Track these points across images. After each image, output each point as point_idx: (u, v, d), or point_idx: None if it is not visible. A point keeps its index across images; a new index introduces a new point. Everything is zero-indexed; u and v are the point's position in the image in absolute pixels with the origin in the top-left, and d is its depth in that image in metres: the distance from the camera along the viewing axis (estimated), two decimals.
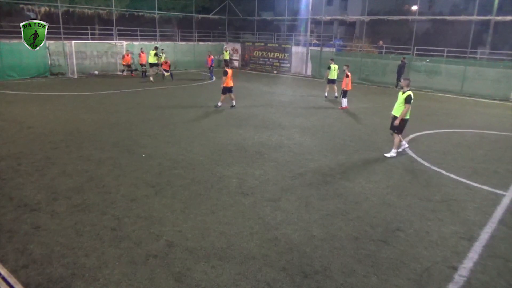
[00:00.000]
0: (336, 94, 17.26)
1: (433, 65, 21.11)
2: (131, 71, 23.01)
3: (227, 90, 13.92)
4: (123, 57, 22.71)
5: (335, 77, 17.02)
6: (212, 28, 32.20)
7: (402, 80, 8.99)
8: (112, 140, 9.57)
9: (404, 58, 21.09)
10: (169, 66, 21.68)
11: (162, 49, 23.20)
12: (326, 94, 17.58)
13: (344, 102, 14.80)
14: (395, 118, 8.82)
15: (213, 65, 22.67)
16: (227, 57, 27.92)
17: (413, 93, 8.64)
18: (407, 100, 8.54)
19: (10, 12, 25.75)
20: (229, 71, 13.76)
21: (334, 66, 16.92)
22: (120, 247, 4.86)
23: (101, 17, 27.19)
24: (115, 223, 5.46)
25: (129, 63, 22.78)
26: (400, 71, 20.53)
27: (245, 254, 4.81)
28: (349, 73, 14.68)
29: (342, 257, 4.82)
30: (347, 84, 14.65)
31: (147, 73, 21.67)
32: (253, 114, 13.26)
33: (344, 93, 14.74)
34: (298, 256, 4.81)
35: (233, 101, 14.24)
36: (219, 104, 14.05)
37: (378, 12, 28.90)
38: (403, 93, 8.69)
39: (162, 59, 22.48)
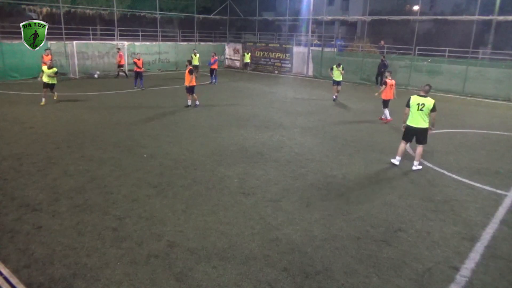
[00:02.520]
0: (334, 97, 16.74)
1: (435, 65, 21.08)
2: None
3: (193, 90, 13.93)
4: (42, 57, 18.12)
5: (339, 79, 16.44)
6: (214, 28, 32.22)
7: (423, 86, 8.06)
8: (113, 140, 9.58)
9: (383, 57, 21.58)
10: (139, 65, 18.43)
11: (194, 49, 22.59)
12: (334, 96, 16.83)
13: (386, 114, 12.92)
14: (418, 129, 7.99)
15: (216, 68, 20.99)
16: (248, 59, 27.25)
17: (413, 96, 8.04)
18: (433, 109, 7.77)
19: (11, 12, 25.81)
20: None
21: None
22: (122, 247, 4.86)
23: (102, 17, 27.27)
24: (117, 223, 5.47)
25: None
26: (380, 69, 21.22)
27: (246, 254, 4.81)
28: (388, 81, 12.47)
29: (343, 257, 4.82)
30: (386, 93, 12.52)
31: (120, 73, 21.00)
32: (254, 114, 13.26)
33: (384, 103, 12.79)
34: (299, 256, 4.81)
35: (190, 101, 14.24)
36: (197, 102, 14.13)
37: (380, 12, 28.88)
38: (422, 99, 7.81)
39: (196, 61, 21.05)
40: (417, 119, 7.94)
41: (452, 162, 8.79)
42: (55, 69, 13.67)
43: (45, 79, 13.34)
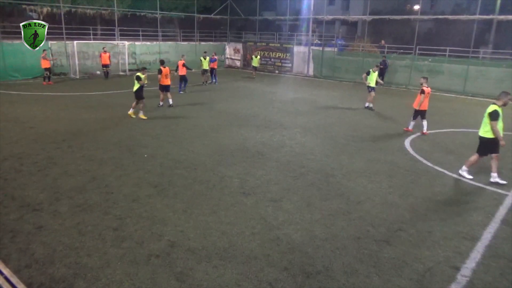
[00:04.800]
0: (367, 104, 14.90)
1: (436, 65, 21.06)
2: (48, 77, 18.75)
3: (163, 88, 13.77)
4: (42, 59, 18.51)
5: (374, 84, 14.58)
6: (214, 28, 32.21)
7: (502, 94, 7.62)
8: (114, 140, 9.58)
9: (384, 57, 21.61)
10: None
11: (205, 52, 20.50)
12: (371, 105, 14.89)
13: (410, 123, 11.34)
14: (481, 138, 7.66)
15: (216, 67, 20.73)
16: (256, 63, 24.00)
17: (498, 107, 7.37)
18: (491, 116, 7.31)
19: (12, 12, 25.83)
20: (163, 69, 13.59)
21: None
22: (122, 247, 4.87)
23: (103, 17, 27.25)
24: (117, 223, 5.47)
25: (49, 67, 18.75)
26: (383, 70, 21.24)
27: (247, 254, 4.81)
28: (425, 88, 10.90)
29: (344, 257, 4.82)
30: (420, 102, 10.92)
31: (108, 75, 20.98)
32: (254, 114, 13.26)
33: (417, 114, 11.10)
34: (300, 256, 4.81)
35: (170, 100, 13.98)
36: (161, 103, 13.97)
37: (380, 11, 28.85)
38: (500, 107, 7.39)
39: (205, 65, 19.80)
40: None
41: (453, 162, 8.78)
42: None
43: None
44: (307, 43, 26.67)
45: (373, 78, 14.45)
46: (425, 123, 11.10)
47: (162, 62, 14.19)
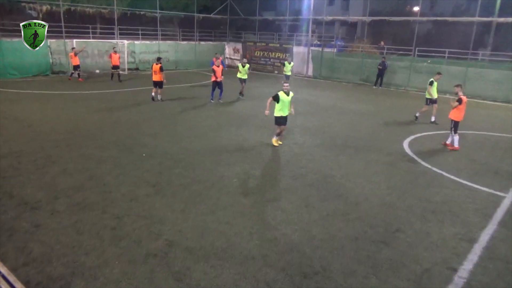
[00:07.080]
0: (433, 119, 13.21)
1: (434, 66, 21.09)
2: (78, 74, 19.36)
3: (153, 84, 14.76)
4: (71, 56, 19.16)
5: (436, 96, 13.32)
6: (214, 28, 32.19)
7: None
8: (112, 139, 9.57)
9: (384, 58, 21.64)
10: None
11: (244, 58, 17.40)
12: (418, 114, 13.52)
13: (455, 139, 10.04)
14: None
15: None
16: (288, 71, 19.45)
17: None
18: None
19: (12, 10, 25.78)
20: (154, 66, 14.54)
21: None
22: (120, 246, 4.86)
23: (102, 16, 27.22)
24: (115, 222, 5.46)
25: (78, 64, 19.29)
26: (382, 71, 21.43)
27: (245, 254, 4.81)
28: (463, 97, 9.96)
29: (342, 258, 4.82)
30: (458, 113, 10.05)
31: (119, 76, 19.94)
32: (254, 114, 13.26)
33: (455, 126, 10.03)
34: (297, 256, 4.81)
35: (159, 96, 14.84)
36: (154, 95, 14.88)
37: (380, 12, 28.84)
38: None
39: (245, 74, 16.50)
40: None
41: (451, 163, 8.80)
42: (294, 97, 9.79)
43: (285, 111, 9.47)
44: (307, 44, 26.68)
45: (435, 89, 13.13)
46: (456, 136, 10.00)
47: (157, 59, 14.85)
